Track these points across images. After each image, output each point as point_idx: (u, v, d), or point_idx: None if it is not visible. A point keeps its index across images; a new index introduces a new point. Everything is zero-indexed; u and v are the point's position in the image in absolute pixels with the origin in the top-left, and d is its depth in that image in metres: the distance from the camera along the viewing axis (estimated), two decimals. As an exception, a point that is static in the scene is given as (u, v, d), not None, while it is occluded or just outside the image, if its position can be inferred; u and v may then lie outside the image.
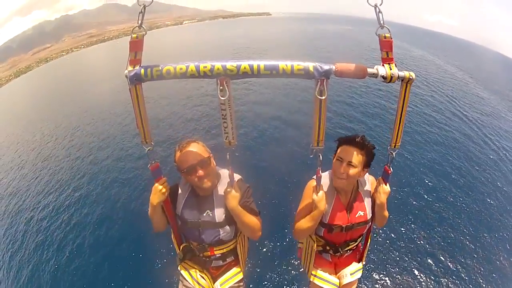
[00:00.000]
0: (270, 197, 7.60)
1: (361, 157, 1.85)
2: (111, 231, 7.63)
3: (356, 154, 1.84)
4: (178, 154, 1.85)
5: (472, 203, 8.10)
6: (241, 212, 1.84)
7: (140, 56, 1.50)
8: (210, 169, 1.85)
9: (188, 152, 1.81)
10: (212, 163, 1.88)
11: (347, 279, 2.25)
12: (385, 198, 1.96)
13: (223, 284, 2.17)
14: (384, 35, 1.47)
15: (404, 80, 1.52)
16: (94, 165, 11.05)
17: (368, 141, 1.88)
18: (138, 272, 6.28)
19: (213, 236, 2.01)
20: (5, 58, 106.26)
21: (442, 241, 6.83)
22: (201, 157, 1.81)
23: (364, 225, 2.11)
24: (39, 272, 6.81)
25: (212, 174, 1.88)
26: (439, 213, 7.63)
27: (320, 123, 1.55)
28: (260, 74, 1.42)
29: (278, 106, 14.71)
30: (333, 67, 1.45)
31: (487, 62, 45.26)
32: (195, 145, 1.84)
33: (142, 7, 1.41)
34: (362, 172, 1.92)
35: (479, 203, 8.14)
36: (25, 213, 9.15)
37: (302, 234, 2.08)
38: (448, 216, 7.56)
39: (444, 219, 7.47)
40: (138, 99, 1.53)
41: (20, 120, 20.24)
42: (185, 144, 1.85)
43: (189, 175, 1.83)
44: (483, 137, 12.43)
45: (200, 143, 1.89)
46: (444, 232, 7.06)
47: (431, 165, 9.70)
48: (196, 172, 1.79)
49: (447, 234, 7.01)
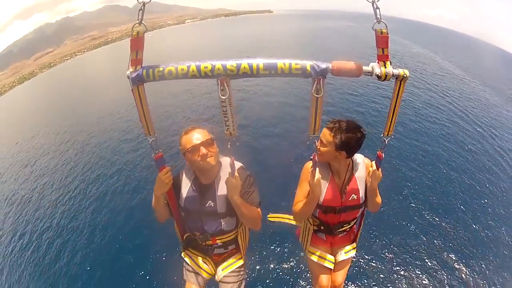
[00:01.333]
0: (270, 180, 7.83)
1: (331, 138, 1.95)
2: (116, 219, 7.96)
3: (327, 134, 1.97)
4: (182, 137, 1.92)
5: (465, 188, 8.38)
6: (242, 203, 1.87)
7: (142, 56, 1.50)
8: (213, 149, 1.92)
9: (192, 134, 1.89)
10: (215, 144, 1.95)
11: (342, 257, 2.39)
12: (376, 183, 2.03)
13: (224, 269, 2.26)
14: (380, 30, 1.46)
15: (398, 78, 1.53)
16: (100, 160, 11.54)
17: (349, 128, 1.93)
18: (143, 259, 6.51)
19: (215, 226, 2.08)
20: (7, 64, 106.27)
21: (431, 227, 7.01)
22: (205, 138, 1.88)
23: (357, 209, 2.21)
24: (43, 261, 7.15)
25: (215, 155, 1.93)
26: (429, 200, 7.85)
27: (316, 117, 1.59)
28: (259, 74, 1.45)
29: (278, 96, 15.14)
30: (330, 65, 1.46)
31: (487, 57, 44.74)
32: (199, 130, 1.93)
33: (141, 4, 1.43)
34: (336, 153, 1.99)
35: (471, 187, 8.44)
36: (31, 210, 9.45)
37: (301, 217, 2.23)
38: (442, 202, 7.79)
39: (436, 205, 7.69)
40: (141, 99, 1.56)
41: (24, 126, 20.50)
42: (190, 128, 1.93)
43: (192, 155, 1.87)
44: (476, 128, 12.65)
45: (204, 129, 1.97)
46: (434, 218, 7.24)
47: (423, 152, 10.04)
48: (199, 151, 1.85)
49: (438, 220, 7.19)
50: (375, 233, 6.65)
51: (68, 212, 8.82)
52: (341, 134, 1.92)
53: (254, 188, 2.03)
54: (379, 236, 6.62)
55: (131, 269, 6.33)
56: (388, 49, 1.48)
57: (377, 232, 6.69)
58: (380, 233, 6.68)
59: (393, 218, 7.12)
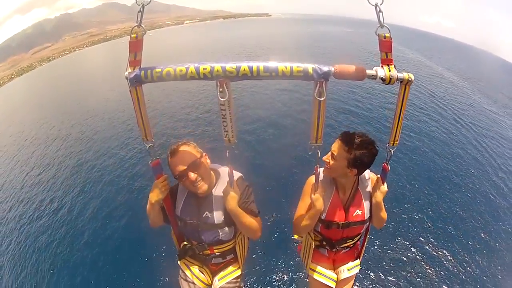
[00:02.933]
0: (270, 193, 7.71)
1: (345, 153, 1.80)
2: (112, 226, 7.81)
3: (340, 147, 1.82)
4: (169, 160, 1.81)
5: (468, 198, 8.39)
6: (240, 214, 1.81)
7: (140, 57, 1.48)
8: (202, 171, 1.81)
9: (177, 157, 1.77)
10: (204, 163, 1.83)
11: (344, 275, 2.27)
12: (382, 198, 1.94)
13: (221, 279, 2.19)
14: (384, 34, 1.44)
15: (403, 82, 1.51)
16: (98, 160, 11.39)
17: (364, 144, 1.78)
18: (140, 267, 6.41)
19: (212, 237, 2.01)
20: (5, 57, 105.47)
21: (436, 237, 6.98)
22: (191, 160, 1.76)
23: (361, 225, 2.10)
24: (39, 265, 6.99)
25: (206, 176, 1.83)
26: (436, 210, 7.82)
27: (318, 122, 1.55)
28: (259, 76, 1.42)
29: (276, 103, 15.01)
30: (332, 68, 1.44)
31: (487, 67, 45.32)
32: (184, 147, 1.80)
33: (141, 6, 1.40)
34: (347, 170, 1.86)
35: (473, 198, 8.43)
36: (29, 208, 9.31)
37: (301, 231, 2.10)
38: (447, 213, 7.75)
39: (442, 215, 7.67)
40: (139, 100, 1.53)
41: (24, 116, 20.45)
42: (175, 148, 1.79)
43: (181, 181, 1.81)
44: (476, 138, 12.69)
45: (191, 144, 1.84)
46: (438, 228, 7.23)
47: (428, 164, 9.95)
48: (188, 177, 1.76)
49: (441, 230, 7.19)
50: (377, 247, 6.57)
51: (66, 215, 8.63)
52: (356, 149, 1.77)
53: (252, 198, 1.96)
54: (378, 246, 6.56)
55: (128, 275, 6.24)
56: (392, 53, 1.47)
57: (380, 245, 6.61)
58: (380, 243, 6.63)
59: (392, 226, 7.08)
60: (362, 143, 1.78)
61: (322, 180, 1.96)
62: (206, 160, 1.89)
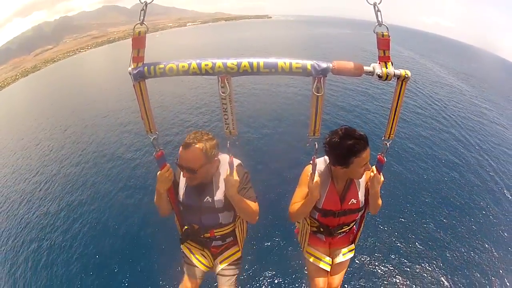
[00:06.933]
0: (268, 181, 7.94)
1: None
2: (117, 215, 8.03)
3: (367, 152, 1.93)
4: (180, 148, 1.91)
5: (464, 193, 8.53)
6: (239, 199, 1.92)
7: (143, 53, 1.54)
8: (197, 176, 1.91)
9: (186, 152, 1.87)
10: (204, 169, 1.91)
11: (339, 259, 2.40)
12: (379, 188, 2.04)
13: (222, 262, 2.32)
14: (382, 33, 1.49)
15: (399, 78, 1.55)
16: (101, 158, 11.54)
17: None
18: (144, 252, 6.64)
19: (213, 220, 2.13)
20: (6, 59, 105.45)
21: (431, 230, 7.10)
22: (191, 165, 1.86)
23: (356, 212, 2.23)
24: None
25: (202, 175, 1.93)
26: (429, 203, 7.97)
27: (316, 117, 1.61)
28: (259, 72, 1.46)
29: (276, 97, 15.45)
30: (330, 65, 1.48)
31: (485, 65, 45.49)
32: (195, 149, 1.85)
33: (143, 4, 1.45)
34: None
35: (468, 192, 8.59)
36: (32, 206, 9.38)
37: (296, 217, 2.23)
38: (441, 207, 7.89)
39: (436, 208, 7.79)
40: (143, 94, 1.59)
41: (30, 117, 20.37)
42: (189, 142, 1.87)
43: (180, 170, 1.97)
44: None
45: (206, 144, 1.88)
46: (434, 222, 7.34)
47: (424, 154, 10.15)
48: (183, 171, 1.92)
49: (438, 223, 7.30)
50: (371, 234, 6.72)
51: (71, 205, 8.86)
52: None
53: (250, 184, 2.08)
54: (376, 237, 6.68)
55: (132, 261, 6.44)
56: (389, 51, 1.51)
57: (374, 232, 6.76)
58: (377, 234, 6.75)
59: (390, 218, 7.21)
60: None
61: (319, 170, 2.04)
62: (212, 164, 1.97)
